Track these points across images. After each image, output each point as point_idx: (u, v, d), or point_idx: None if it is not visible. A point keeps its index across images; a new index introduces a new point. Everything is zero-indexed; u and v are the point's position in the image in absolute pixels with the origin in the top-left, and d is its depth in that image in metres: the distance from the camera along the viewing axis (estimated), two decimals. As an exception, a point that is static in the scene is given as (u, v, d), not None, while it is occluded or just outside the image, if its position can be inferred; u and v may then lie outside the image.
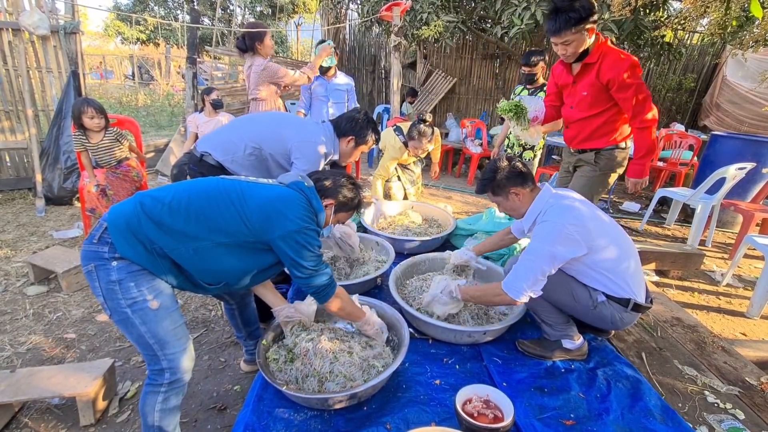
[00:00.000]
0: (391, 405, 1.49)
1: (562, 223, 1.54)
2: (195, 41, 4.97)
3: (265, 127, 2.14)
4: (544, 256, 1.53)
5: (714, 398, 1.65)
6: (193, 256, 1.27)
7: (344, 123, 2.16)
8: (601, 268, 1.60)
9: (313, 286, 1.42)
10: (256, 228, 1.31)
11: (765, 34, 3.62)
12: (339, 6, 8.06)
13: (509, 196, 1.73)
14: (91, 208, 3.31)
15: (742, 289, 3.23)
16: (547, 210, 1.63)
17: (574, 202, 1.66)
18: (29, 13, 3.86)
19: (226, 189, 1.34)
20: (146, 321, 1.24)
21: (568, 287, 1.66)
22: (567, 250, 1.53)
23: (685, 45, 7.09)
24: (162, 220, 1.24)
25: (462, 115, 7.75)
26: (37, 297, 2.64)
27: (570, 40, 1.98)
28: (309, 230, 1.35)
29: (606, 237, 1.60)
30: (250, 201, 1.32)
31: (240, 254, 1.33)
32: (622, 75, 2.00)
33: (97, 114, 3.12)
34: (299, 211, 1.35)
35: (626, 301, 1.62)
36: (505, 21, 4.57)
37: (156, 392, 1.32)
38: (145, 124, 8.56)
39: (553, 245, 1.53)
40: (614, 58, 2.02)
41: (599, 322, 1.69)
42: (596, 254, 1.57)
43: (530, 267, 1.55)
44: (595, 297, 1.64)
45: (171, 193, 1.31)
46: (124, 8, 17.57)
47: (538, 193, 1.72)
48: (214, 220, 1.28)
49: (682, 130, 6.03)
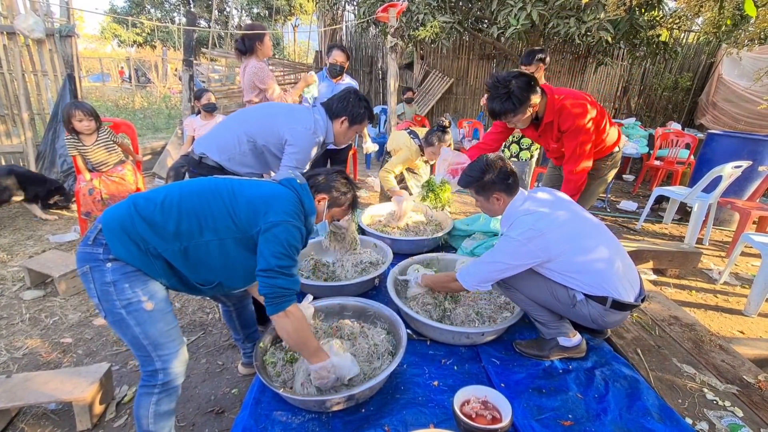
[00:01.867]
0: (389, 407, 1.48)
1: (520, 240, 1.59)
2: (191, 43, 4.95)
3: (256, 120, 2.12)
4: (497, 266, 1.65)
5: (713, 396, 1.65)
6: (184, 255, 1.27)
7: (336, 104, 2.12)
8: (569, 270, 1.62)
9: (270, 286, 1.26)
10: (244, 223, 1.31)
11: (760, 33, 3.64)
12: (335, 7, 8.07)
13: (491, 199, 1.77)
14: (87, 212, 3.31)
15: (740, 287, 3.24)
16: (514, 222, 1.67)
17: (545, 206, 1.68)
18: (24, 17, 3.85)
19: (218, 187, 1.35)
20: (141, 322, 1.25)
21: (548, 286, 1.68)
22: (521, 262, 1.63)
23: (681, 44, 7.13)
24: (154, 219, 1.24)
25: (459, 116, 7.77)
26: (33, 301, 2.63)
27: (515, 120, 2.05)
28: (291, 226, 1.30)
29: (578, 239, 1.62)
30: (240, 198, 1.33)
31: (229, 252, 1.33)
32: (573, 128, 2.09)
33: (87, 116, 3.11)
34: (286, 206, 1.33)
35: (603, 298, 1.62)
36: (501, 21, 4.57)
37: (149, 394, 1.32)
38: (142, 126, 8.55)
39: (506, 258, 1.63)
40: (567, 113, 2.07)
41: (581, 320, 1.70)
42: (562, 259, 1.60)
43: (484, 269, 1.67)
44: (572, 295, 1.65)
45: (163, 193, 1.31)
46: (120, 11, 17.55)
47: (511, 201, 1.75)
48: (205, 218, 1.28)
49: (679, 129, 6.06)
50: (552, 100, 2.08)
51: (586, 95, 2.17)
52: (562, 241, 1.59)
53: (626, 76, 7.44)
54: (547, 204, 1.73)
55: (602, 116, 2.21)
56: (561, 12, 4.41)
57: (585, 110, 2.07)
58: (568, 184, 2.23)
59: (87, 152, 3.23)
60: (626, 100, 7.58)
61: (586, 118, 2.07)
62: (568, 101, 2.07)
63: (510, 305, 1.99)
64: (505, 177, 1.73)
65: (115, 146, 3.35)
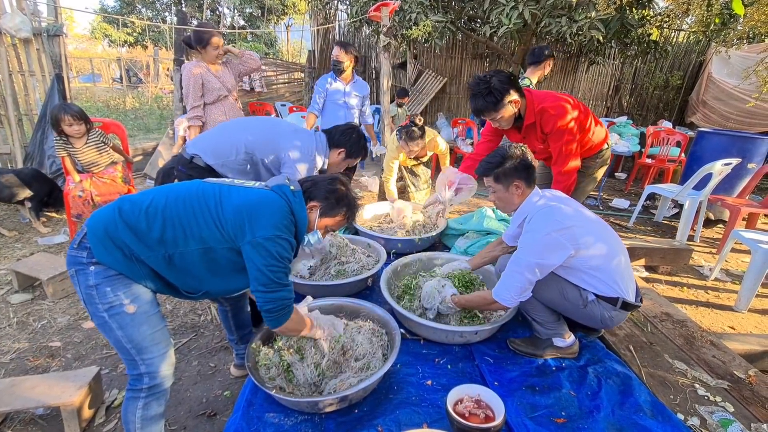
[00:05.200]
0: (382, 407, 1.48)
1: (547, 231, 1.56)
2: (183, 43, 4.90)
3: (259, 134, 2.12)
4: (529, 267, 1.57)
5: (704, 391, 1.67)
6: (168, 262, 1.25)
7: (338, 135, 2.20)
8: (589, 267, 1.60)
9: (273, 300, 1.27)
10: (230, 234, 1.26)
11: (748, 31, 3.68)
12: (328, 7, 8.04)
13: (510, 187, 1.72)
14: (78, 214, 3.26)
15: (730, 283, 3.28)
16: (533, 216, 1.64)
17: (559, 202, 1.67)
18: (11, 16, 3.79)
19: (205, 194, 1.30)
20: (123, 326, 1.23)
21: (558, 286, 1.67)
22: (553, 258, 1.56)
23: (671, 43, 7.19)
24: (138, 227, 1.22)
25: (453, 115, 7.77)
26: (21, 305, 2.58)
27: (495, 116, 2.07)
28: (281, 239, 1.26)
29: (592, 235, 1.60)
30: (227, 206, 1.28)
31: (215, 261, 1.30)
32: (556, 129, 2.10)
33: (75, 120, 3.06)
34: (275, 218, 1.26)
35: (615, 300, 1.62)
36: (493, 21, 4.58)
37: (136, 398, 1.30)
38: (133, 127, 8.46)
39: (537, 257, 1.56)
40: (548, 116, 2.09)
41: (589, 320, 1.69)
42: (583, 254, 1.58)
43: (517, 278, 1.58)
44: (585, 296, 1.64)
45: (150, 197, 1.28)
46: (111, 10, 17.35)
47: (529, 194, 1.73)
48: (190, 226, 1.25)
49: (670, 127, 6.11)
50: (530, 101, 2.11)
51: (569, 97, 2.18)
52: (583, 234, 1.57)
53: (618, 75, 7.49)
54: (560, 200, 1.71)
55: (586, 116, 2.23)
56: (553, 11, 4.42)
57: (565, 111, 2.09)
58: (557, 184, 2.24)
59: (77, 153, 3.18)
60: (618, 99, 7.63)
61: (566, 118, 2.09)
62: (548, 103, 2.09)
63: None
64: (526, 166, 1.70)
65: (106, 147, 3.31)
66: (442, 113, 7.80)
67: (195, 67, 2.87)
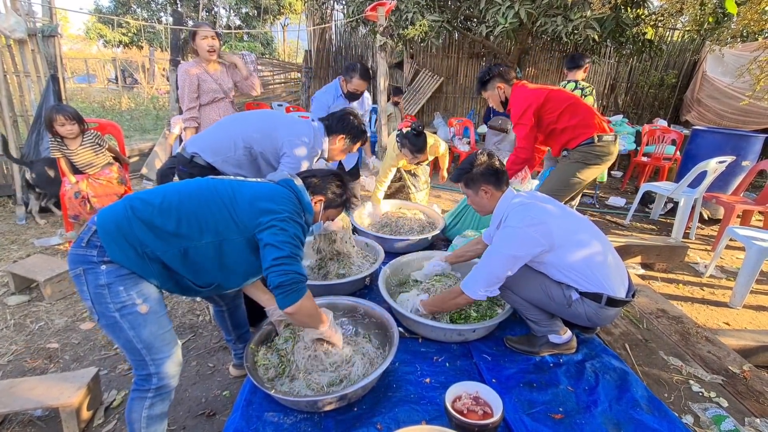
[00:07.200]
0: (381, 405, 1.49)
1: (520, 226, 1.59)
2: (178, 43, 4.89)
3: (255, 126, 2.12)
4: (502, 260, 1.61)
5: (699, 387, 1.68)
6: (183, 257, 1.26)
7: (335, 122, 2.19)
8: (567, 265, 1.62)
9: (287, 273, 1.25)
10: (245, 223, 1.31)
11: (741, 30, 3.71)
12: (324, 6, 8.03)
13: (479, 192, 1.79)
14: (74, 215, 3.25)
15: (725, 279, 3.31)
16: (509, 214, 1.68)
17: (536, 200, 1.70)
18: (5, 17, 3.76)
19: (218, 190, 1.34)
20: (135, 325, 1.23)
21: (542, 287, 1.68)
22: (526, 251, 1.60)
23: (666, 42, 7.23)
24: (153, 222, 1.23)
25: (449, 114, 7.79)
26: (18, 307, 2.57)
27: (486, 96, 2.69)
28: (295, 222, 1.34)
29: (571, 232, 1.63)
30: (240, 199, 1.33)
31: (229, 253, 1.32)
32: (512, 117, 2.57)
33: (69, 121, 3.04)
34: (287, 205, 1.35)
35: (598, 296, 1.62)
36: (489, 20, 4.60)
37: (143, 398, 1.30)
38: (129, 128, 8.42)
39: (511, 249, 1.60)
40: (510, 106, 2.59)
41: (576, 319, 1.70)
42: (560, 250, 1.60)
43: (489, 270, 1.63)
44: (568, 294, 1.65)
45: (161, 195, 1.29)
46: (106, 11, 17.25)
47: (502, 195, 1.78)
48: (206, 220, 1.28)
49: (665, 126, 6.15)
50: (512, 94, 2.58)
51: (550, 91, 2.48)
52: (560, 231, 1.60)
53: (613, 74, 7.53)
54: (538, 198, 1.76)
55: (559, 103, 2.47)
56: (548, 10, 4.44)
57: (518, 104, 2.52)
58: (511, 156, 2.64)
59: (72, 154, 3.17)
60: (614, 98, 7.67)
61: (518, 110, 2.51)
62: (512, 97, 2.57)
63: (500, 300, 2.00)
64: (493, 170, 1.76)
65: (102, 149, 3.30)
66: (438, 113, 7.82)
67: (191, 67, 2.86)
